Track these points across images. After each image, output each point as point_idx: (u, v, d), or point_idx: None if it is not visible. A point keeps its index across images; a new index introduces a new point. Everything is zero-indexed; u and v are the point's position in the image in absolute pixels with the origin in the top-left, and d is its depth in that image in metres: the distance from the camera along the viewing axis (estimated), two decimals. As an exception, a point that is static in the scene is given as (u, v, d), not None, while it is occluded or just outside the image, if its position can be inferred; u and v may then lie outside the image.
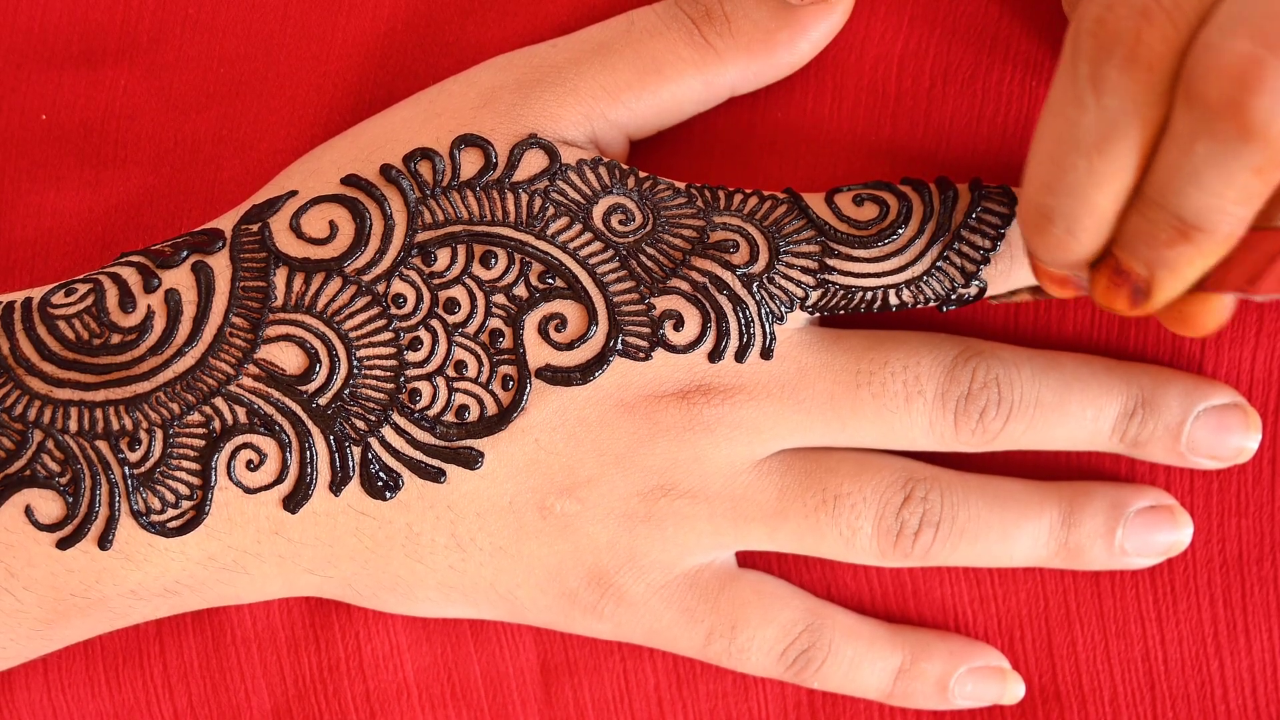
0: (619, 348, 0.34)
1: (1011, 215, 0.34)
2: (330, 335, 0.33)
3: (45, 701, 0.39)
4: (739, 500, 0.35)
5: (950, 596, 0.38)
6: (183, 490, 0.33)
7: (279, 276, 0.33)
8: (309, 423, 0.33)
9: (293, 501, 0.33)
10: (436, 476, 0.34)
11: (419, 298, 0.34)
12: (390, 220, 0.34)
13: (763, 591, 0.36)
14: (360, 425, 0.33)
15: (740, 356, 0.34)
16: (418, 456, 0.34)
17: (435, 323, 0.34)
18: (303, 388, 0.33)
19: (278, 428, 0.33)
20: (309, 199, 0.34)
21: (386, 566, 0.35)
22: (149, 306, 0.33)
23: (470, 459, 0.34)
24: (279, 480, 0.33)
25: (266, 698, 0.39)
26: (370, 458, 0.33)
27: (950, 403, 0.34)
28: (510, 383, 0.34)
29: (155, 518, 0.33)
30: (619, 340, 0.34)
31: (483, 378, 0.34)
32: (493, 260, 0.34)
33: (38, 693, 0.39)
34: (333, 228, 0.34)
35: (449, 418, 0.34)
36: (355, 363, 0.33)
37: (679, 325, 0.34)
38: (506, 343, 0.34)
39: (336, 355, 0.33)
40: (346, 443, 0.33)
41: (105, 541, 0.33)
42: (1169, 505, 0.36)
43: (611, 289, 0.34)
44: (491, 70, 0.35)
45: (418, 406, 0.33)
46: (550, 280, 0.34)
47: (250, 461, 0.33)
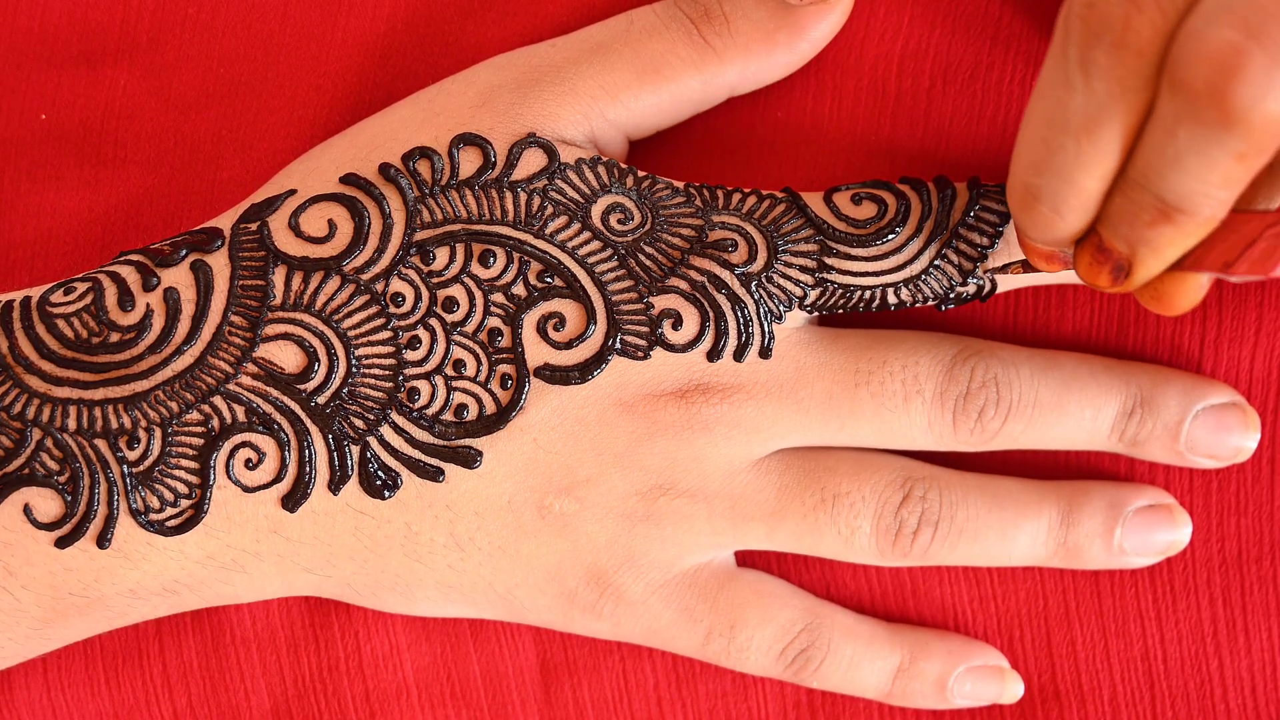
0: (617, 347, 0.34)
1: (1009, 213, 0.34)
2: (329, 334, 0.33)
3: (45, 701, 0.39)
4: (738, 499, 0.35)
5: (949, 596, 0.38)
6: (181, 489, 0.33)
7: (278, 275, 0.33)
8: (308, 421, 0.33)
9: (291, 500, 0.33)
10: (435, 476, 0.34)
11: (418, 297, 0.34)
12: (389, 219, 0.34)
13: (761, 591, 0.36)
14: (359, 424, 0.33)
15: (739, 356, 0.34)
16: (416, 455, 0.34)
17: (434, 321, 0.34)
18: (301, 386, 0.33)
19: (276, 426, 0.33)
20: (308, 198, 0.34)
21: (385, 566, 0.35)
22: (148, 305, 0.33)
23: (469, 458, 0.34)
24: (277, 479, 0.33)
25: (266, 697, 0.39)
26: (369, 457, 0.33)
27: (949, 402, 0.34)
28: (509, 382, 0.34)
29: (154, 516, 0.33)
30: (617, 339, 0.34)
31: (481, 377, 0.34)
32: (491, 259, 0.34)
33: (37, 692, 0.39)
34: (331, 226, 0.34)
35: (448, 417, 0.34)
36: (354, 361, 0.33)
37: (677, 324, 0.34)
38: (505, 342, 0.34)
39: (335, 354, 0.33)
40: (345, 441, 0.33)
41: (104, 540, 0.33)
42: (1168, 504, 0.36)
43: (610, 288, 0.34)
44: (490, 70, 0.35)
45: (416, 405, 0.33)
46: (549, 279, 0.34)
47: (249, 460, 0.33)
